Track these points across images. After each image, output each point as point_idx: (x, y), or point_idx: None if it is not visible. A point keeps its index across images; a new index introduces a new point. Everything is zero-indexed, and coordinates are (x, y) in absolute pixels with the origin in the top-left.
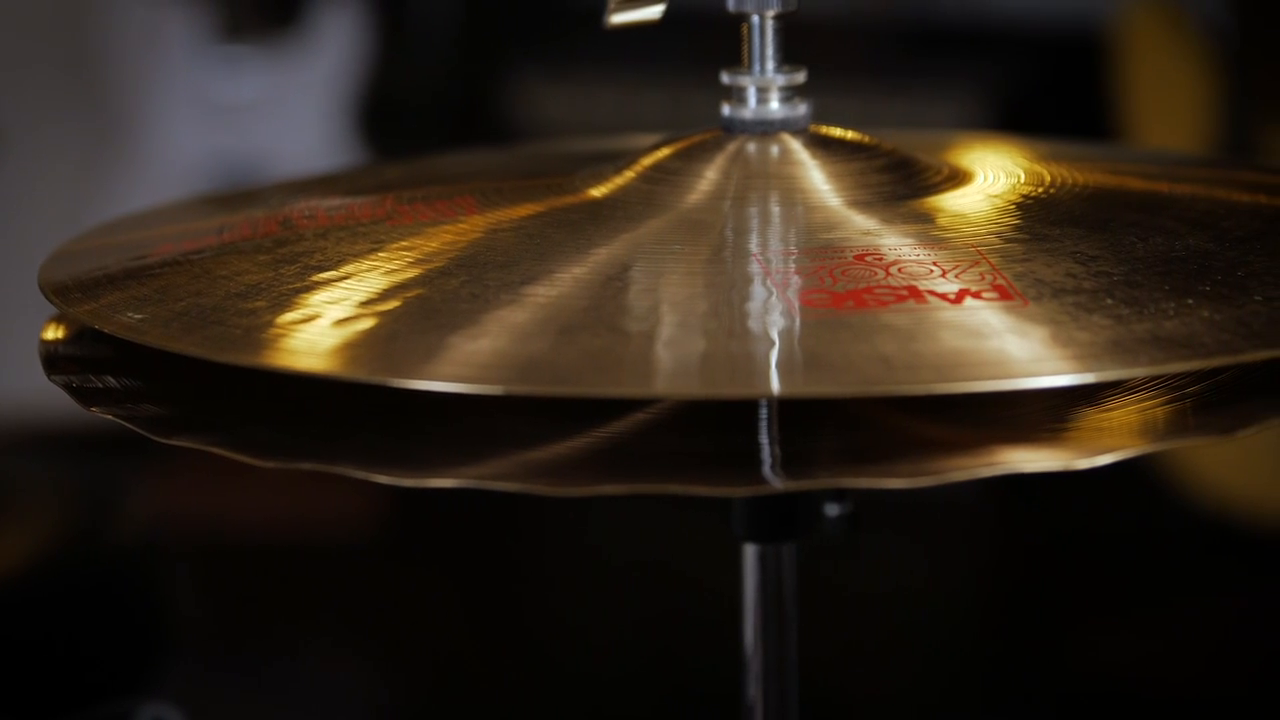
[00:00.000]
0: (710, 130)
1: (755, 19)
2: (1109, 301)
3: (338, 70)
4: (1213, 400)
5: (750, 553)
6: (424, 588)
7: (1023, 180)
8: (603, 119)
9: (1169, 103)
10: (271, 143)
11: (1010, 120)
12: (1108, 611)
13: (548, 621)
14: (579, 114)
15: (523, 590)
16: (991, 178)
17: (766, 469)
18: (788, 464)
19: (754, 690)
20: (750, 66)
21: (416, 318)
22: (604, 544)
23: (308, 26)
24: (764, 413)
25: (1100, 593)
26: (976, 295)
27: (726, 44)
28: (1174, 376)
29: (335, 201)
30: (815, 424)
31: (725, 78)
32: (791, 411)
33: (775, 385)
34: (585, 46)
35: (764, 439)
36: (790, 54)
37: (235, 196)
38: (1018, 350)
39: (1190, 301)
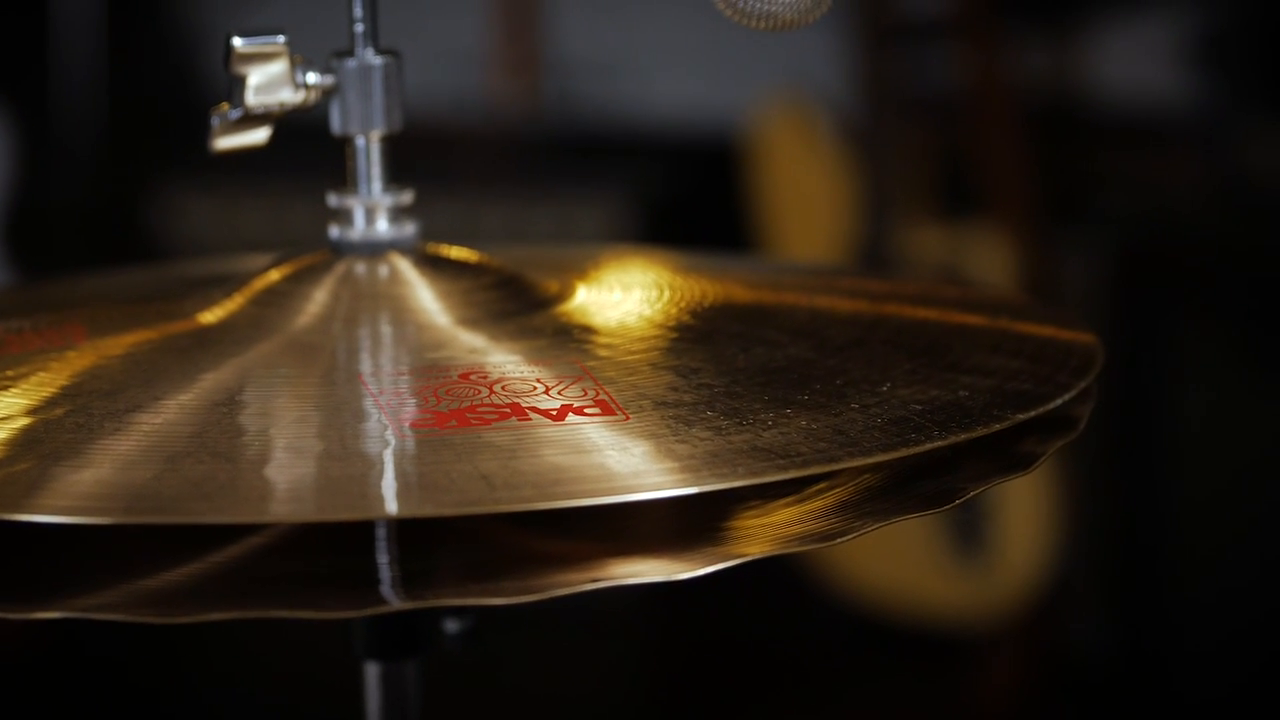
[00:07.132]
0: (320, 251)
1: (360, 140)
2: (709, 414)
3: None
4: (837, 504)
5: (372, 670)
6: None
7: (636, 294)
8: (252, 233)
9: (806, 207)
10: None
11: (659, 227)
12: (770, 710)
13: None
14: (228, 228)
15: (175, 701)
16: (605, 292)
17: (384, 588)
18: (403, 583)
19: None
20: (357, 188)
21: (20, 449)
22: (263, 658)
23: None
24: (379, 533)
25: (761, 693)
26: (579, 411)
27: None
28: (794, 483)
29: None
30: (433, 542)
31: (332, 199)
32: (411, 530)
33: (380, 507)
34: (234, 159)
35: (379, 559)
36: (434, 164)
37: None
38: (618, 465)
39: (789, 411)
